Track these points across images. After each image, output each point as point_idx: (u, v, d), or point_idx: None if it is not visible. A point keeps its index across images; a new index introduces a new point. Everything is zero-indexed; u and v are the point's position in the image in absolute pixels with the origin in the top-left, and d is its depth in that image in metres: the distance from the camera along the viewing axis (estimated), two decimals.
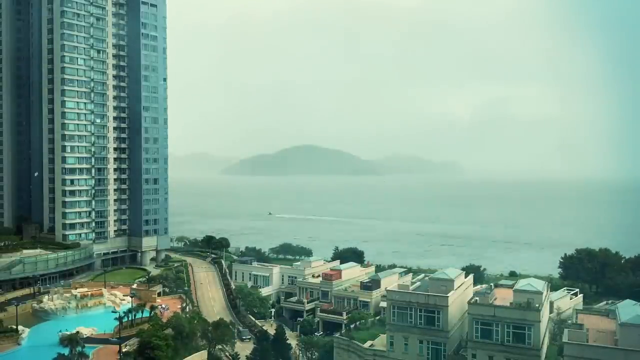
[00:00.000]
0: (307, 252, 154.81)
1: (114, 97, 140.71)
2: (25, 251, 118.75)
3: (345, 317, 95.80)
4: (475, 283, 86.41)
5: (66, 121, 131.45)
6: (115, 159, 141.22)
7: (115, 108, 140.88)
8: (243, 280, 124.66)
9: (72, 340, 69.72)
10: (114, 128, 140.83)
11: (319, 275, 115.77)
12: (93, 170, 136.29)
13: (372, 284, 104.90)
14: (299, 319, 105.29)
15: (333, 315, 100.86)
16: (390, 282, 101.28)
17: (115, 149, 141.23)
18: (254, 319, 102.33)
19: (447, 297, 67.65)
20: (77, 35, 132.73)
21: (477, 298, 68.79)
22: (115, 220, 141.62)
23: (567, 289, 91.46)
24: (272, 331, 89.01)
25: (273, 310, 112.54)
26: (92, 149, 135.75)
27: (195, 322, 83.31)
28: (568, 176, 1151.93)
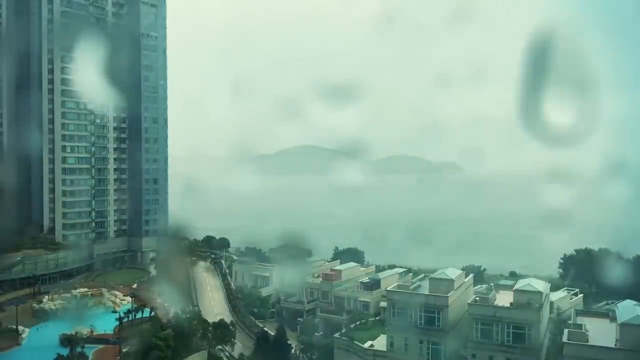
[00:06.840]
0: (307, 252, 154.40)
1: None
2: (25, 251, 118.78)
3: (345, 317, 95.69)
4: (475, 283, 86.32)
5: (66, 121, 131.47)
6: (115, 159, 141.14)
7: (115, 108, 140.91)
8: (243, 280, 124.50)
9: (72, 341, 69.79)
10: (114, 128, 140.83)
11: (319, 275, 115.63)
12: (93, 170, 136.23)
13: (372, 284, 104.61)
14: (299, 319, 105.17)
15: (333, 316, 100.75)
16: (390, 282, 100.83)
17: (115, 149, 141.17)
18: (254, 319, 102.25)
19: (447, 297, 67.61)
20: None
21: (477, 298, 68.79)
22: (115, 221, 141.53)
23: (567, 289, 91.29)
24: (272, 332, 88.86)
25: (274, 310, 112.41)
26: (92, 149, 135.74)
27: (195, 322, 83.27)
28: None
